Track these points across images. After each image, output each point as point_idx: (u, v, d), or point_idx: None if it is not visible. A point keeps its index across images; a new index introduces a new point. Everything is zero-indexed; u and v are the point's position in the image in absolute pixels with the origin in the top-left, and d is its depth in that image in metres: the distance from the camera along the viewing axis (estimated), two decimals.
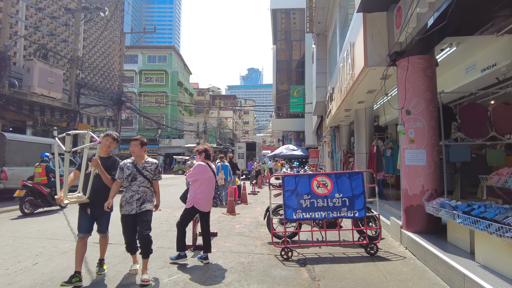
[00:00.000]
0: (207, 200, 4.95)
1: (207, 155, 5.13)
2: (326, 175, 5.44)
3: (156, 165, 4.30)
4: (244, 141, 29.15)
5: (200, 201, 4.84)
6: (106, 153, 4.28)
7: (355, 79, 6.64)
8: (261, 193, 15.05)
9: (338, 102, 9.53)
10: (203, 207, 4.91)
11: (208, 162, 5.09)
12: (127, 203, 4.12)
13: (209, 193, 4.97)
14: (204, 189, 4.89)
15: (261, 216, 8.85)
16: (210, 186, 4.97)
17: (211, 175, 5.01)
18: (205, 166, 4.95)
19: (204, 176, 4.90)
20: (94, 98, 21.26)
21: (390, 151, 8.92)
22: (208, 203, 4.99)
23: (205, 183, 4.90)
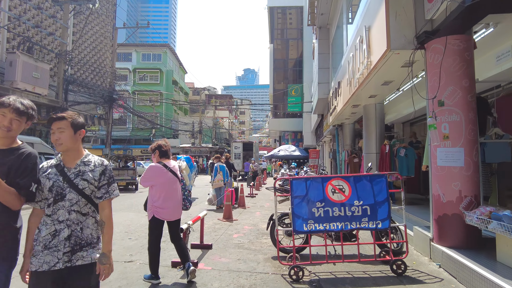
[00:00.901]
0: (170, 207, 4.06)
1: (162, 153, 4.17)
2: (343, 178, 4.56)
3: (104, 169, 2.25)
4: (240, 141, 28.27)
5: (161, 210, 3.99)
6: (4, 142, 2.12)
7: (371, 67, 5.78)
8: (260, 196, 14.15)
9: (346, 97, 8.67)
10: (166, 216, 4.04)
11: (164, 162, 4.15)
12: (46, 247, 2.04)
13: (171, 199, 4.07)
14: (163, 194, 4.01)
15: (261, 223, 7.96)
16: (170, 190, 4.07)
17: (169, 176, 4.08)
18: (159, 167, 4.06)
19: (160, 180, 4.04)
20: (84, 95, 20.26)
21: (404, 150, 8.08)
22: (173, 211, 4.10)
23: (162, 187, 4.03)
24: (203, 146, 40.55)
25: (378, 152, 8.82)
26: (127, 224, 7.72)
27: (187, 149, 39.93)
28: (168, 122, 42.70)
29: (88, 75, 22.10)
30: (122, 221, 8.06)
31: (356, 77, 7.02)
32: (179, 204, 4.18)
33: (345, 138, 13.27)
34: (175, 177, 4.13)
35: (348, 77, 8.01)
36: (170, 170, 4.09)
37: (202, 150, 38.78)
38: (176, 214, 4.15)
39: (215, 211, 9.80)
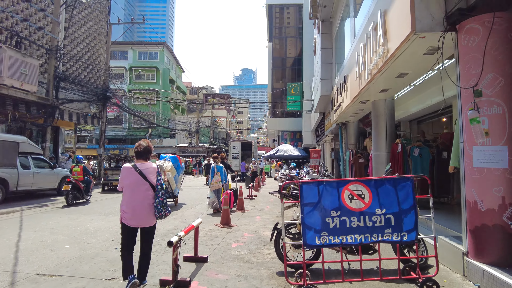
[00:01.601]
0: (134, 212, 3.66)
1: (137, 154, 3.86)
2: (362, 182, 3.87)
3: None
4: (239, 141, 27.56)
5: (126, 215, 3.68)
6: None
7: (388, 56, 5.10)
8: (259, 198, 13.46)
9: (354, 92, 7.99)
10: (130, 221, 3.67)
11: (138, 163, 3.81)
12: None
13: (134, 203, 3.68)
14: (126, 197, 3.72)
15: (262, 229, 7.27)
16: (135, 193, 3.71)
17: (135, 178, 3.71)
18: (127, 168, 3.77)
19: (125, 181, 3.74)
20: (77, 93, 19.50)
21: (418, 150, 7.42)
22: (137, 217, 3.68)
23: (127, 189, 3.73)
24: (201, 146, 39.83)
25: (388, 152, 8.16)
26: (115, 231, 6.99)
27: (184, 149, 39.20)
28: (164, 121, 41.93)
29: (81, 72, 21.30)
30: (110, 227, 7.35)
31: (368, 68, 6.34)
32: (146, 210, 3.70)
33: (349, 137, 12.60)
34: (143, 179, 3.71)
35: (357, 70, 7.33)
36: (139, 172, 3.71)
37: (200, 150, 38.05)
38: (142, 221, 3.71)
39: (212, 216, 9.11)
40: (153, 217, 3.73)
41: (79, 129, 36.23)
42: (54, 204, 11.09)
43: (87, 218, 8.33)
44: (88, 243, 5.90)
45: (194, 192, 15.16)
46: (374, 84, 6.66)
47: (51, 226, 7.34)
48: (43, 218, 8.27)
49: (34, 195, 13.00)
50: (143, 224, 3.72)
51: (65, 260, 4.92)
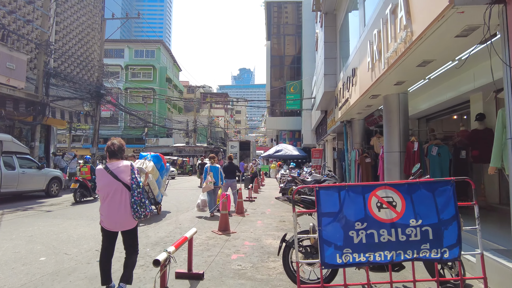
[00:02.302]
0: (111, 214, 3.50)
1: (109, 154, 3.68)
2: (393, 187, 3.16)
3: None
4: (237, 140, 26.88)
5: (102, 217, 3.58)
6: None
7: (413, 38, 4.41)
8: (259, 199, 12.75)
9: (365, 85, 7.30)
10: (107, 225, 3.54)
11: (110, 163, 3.63)
12: None
13: (108, 205, 3.51)
14: (101, 200, 3.61)
15: (265, 236, 6.56)
16: (108, 194, 3.52)
17: (108, 179, 3.53)
18: (99, 170, 3.61)
19: (99, 183, 3.59)
20: (69, 90, 18.68)
21: (436, 148, 6.74)
22: (113, 219, 3.51)
23: (101, 191, 3.59)
24: (198, 145, 39.05)
25: (402, 151, 7.47)
26: None
27: (181, 149, 38.40)
28: (161, 120, 41.14)
29: (73, 68, 20.51)
30: (96, 233, 6.61)
31: (384, 57, 5.64)
32: (121, 212, 3.49)
33: (355, 136, 11.92)
34: (115, 180, 3.52)
35: (369, 60, 6.64)
36: (110, 172, 3.53)
37: (197, 150, 37.27)
38: (118, 224, 3.53)
39: (209, 220, 8.40)
40: (131, 219, 3.52)
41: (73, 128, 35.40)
42: (40, 207, 10.33)
43: (72, 224, 7.59)
44: (67, 254, 5.17)
45: (190, 193, 14.44)
46: (390, 75, 5.97)
47: (30, 233, 6.60)
48: (24, 224, 7.53)
49: (20, 197, 12.23)
50: (120, 228, 3.53)
51: (36, 277, 4.19)
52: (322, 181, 11.79)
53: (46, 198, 12.50)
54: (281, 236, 6.67)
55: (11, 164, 11.34)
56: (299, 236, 3.99)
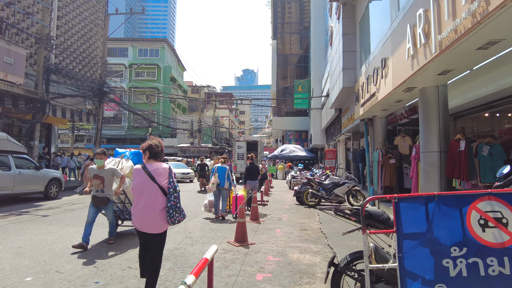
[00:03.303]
0: (142, 215, 3.43)
1: (152, 154, 3.60)
2: (499, 197, 2.27)
3: None
4: (244, 140, 25.90)
5: (134, 217, 3.50)
6: None
7: (491, 8, 3.52)
8: (271, 203, 11.85)
9: (402, 75, 6.41)
10: (138, 225, 3.48)
11: (148, 163, 3.56)
12: None
13: (142, 206, 3.44)
14: (134, 200, 3.54)
15: (290, 249, 5.68)
16: (142, 194, 3.46)
17: (144, 179, 3.47)
18: (137, 169, 3.55)
19: (135, 182, 3.53)
20: (71, 88, 17.91)
21: (487, 148, 5.83)
22: (145, 221, 3.43)
23: (135, 190, 3.53)
24: (203, 146, 38.24)
25: (442, 151, 6.57)
26: (102, 252, 5.41)
27: (186, 149, 37.59)
28: (165, 120, 40.38)
29: (75, 65, 19.76)
30: (95, 244, 5.76)
31: (436, 40, 4.75)
32: (154, 215, 3.41)
33: (376, 135, 11.02)
34: (151, 181, 3.44)
35: (410, 46, 5.74)
36: (148, 173, 3.46)
37: (202, 150, 36.45)
38: (149, 226, 3.43)
39: (218, 223, 7.57)
40: (163, 223, 3.44)
41: (76, 128, 34.71)
42: (37, 211, 9.51)
43: (69, 231, 6.75)
44: (59, 273, 4.33)
45: (197, 196, 13.59)
46: (439, 62, 5.08)
47: (20, 243, 5.76)
48: (15, 231, 6.70)
49: (17, 200, 11.44)
50: (150, 230, 3.43)
51: None
52: (341, 184, 10.92)
53: (44, 200, 11.69)
54: (308, 249, 5.83)
55: (7, 164, 10.53)
56: (352, 253, 3.10)
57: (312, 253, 5.47)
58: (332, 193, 10.85)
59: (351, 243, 6.07)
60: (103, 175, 5.71)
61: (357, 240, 6.24)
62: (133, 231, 6.51)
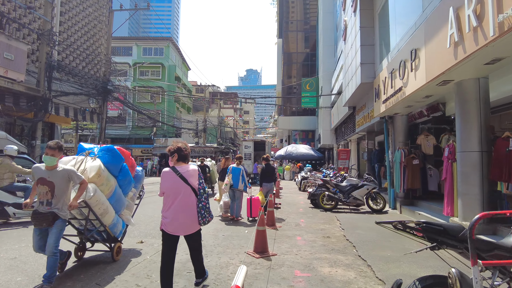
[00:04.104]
0: (176, 218, 3.40)
1: (180, 157, 3.56)
2: None
3: None
4: (251, 140, 25.32)
5: (165, 220, 3.44)
6: None
7: None
8: (284, 206, 11.19)
9: (440, 66, 5.73)
10: (171, 228, 3.40)
11: (178, 166, 3.51)
12: None
13: (175, 208, 3.41)
14: (166, 203, 3.47)
15: (318, 262, 5.02)
16: (175, 197, 3.42)
17: (175, 181, 3.43)
18: (167, 171, 3.48)
19: (165, 185, 3.48)
20: (74, 86, 17.35)
21: None
22: (178, 223, 3.40)
23: (167, 193, 3.48)
24: (208, 145, 37.62)
25: (485, 150, 5.88)
26: (105, 264, 4.79)
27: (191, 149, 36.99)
28: (170, 119, 39.82)
29: (79, 62, 19.23)
30: (99, 253, 5.14)
31: (493, 22, 4.08)
32: (187, 216, 3.45)
33: (397, 134, 10.34)
34: (184, 183, 3.44)
35: (455, 32, 5.06)
36: (180, 175, 3.44)
37: (207, 150, 35.83)
38: (183, 228, 3.47)
39: (229, 225, 6.90)
40: (195, 224, 3.52)
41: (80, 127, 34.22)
42: None
43: None
44: None
45: None
46: (495, 47, 4.40)
47: (15, 253, 5.14)
48: (11, 239, 6.09)
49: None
50: (183, 232, 3.50)
51: None
52: (359, 186, 10.24)
53: None
54: (337, 261, 5.12)
55: None
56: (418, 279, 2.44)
57: (344, 266, 4.81)
58: (350, 196, 10.17)
59: (384, 253, 5.41)
60: (53, 180, 3.84)
61: (391, 250, 5.58)
62: (108, 255, 4.92)
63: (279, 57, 48.02)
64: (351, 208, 10.44)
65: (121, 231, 4.96)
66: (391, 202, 10.38)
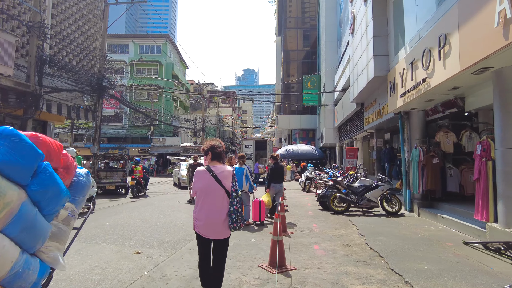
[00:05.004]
0: (208, 221, 3.19)
1: (215, 155, 3.32)
2: None
3: None
4: (252, 139, 24.54)
5: (198, 222, 3.23)
6: None
7: None
8: (291, 208, 10.40)
9: (482, 51, 4.99)
10: (202, 231, 3.21)
11: (213, 165, 3.29)
12: None
13: (207, 210, 3.20)
14: (199, 203, 3.25)
15: (345, 277, 4.27)
16: (208, 198, 3.21)
17: (209, 182, 3.21)
18: (202, 171, 3.26)
19: (199, 185, 3.25)
20: (67, 82, 16.50)
21: None
22: (211, 226, 3.19)
23: (200, 194, 3.25)
24: None
25: None
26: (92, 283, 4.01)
27: (189, 148, 36.22)
28: (167, 118, 38.99)
29: (72, 58, 18.36)
30: (86, 269, 4.36)
31: None
32: (220, 220, 3.19)
33: (413, 131, 9.63)
34: (218, 184, 3.21)
35: (506, 7, 4.33)
36: (214, 176, 3.21)
37: None
38: (214, 232, 3.21)
39: (242, 234, 6.12)
40: (226, 229, 3.25)
41: (75, 126, 33.27)
42: None
43: None
44: None
45: None
46: None
47: None
48: None
49: None
50: (215, 236, 3.24)
51: None
52: (373, 187, 9.51)
53: None
54: (368, 276, 4.30)
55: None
56: None
57: (378, 283, 4.06)
58: (364, 198, 9.43)
59: (420, 266, 4.66)
60: None
61: (426, 262, 4.84)
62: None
63: (279, 55, 47.31)
64: (364, 211, 9.71)
65: (35, 284, 2.35)
66: (407, 204, 9.66)
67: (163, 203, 11.52)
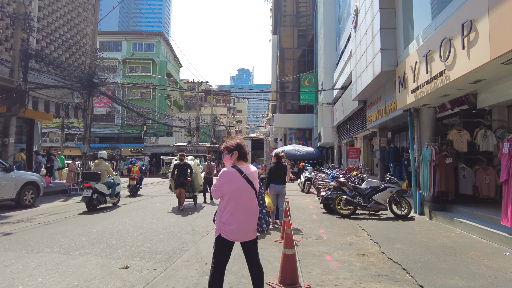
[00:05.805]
0: (240, 224, 3.02)
1: (241, 155, 3.15)
2: None
3: None
4: (249, 138, 23.88)
5: (228, 227, 3.01)
6: None
7: None
8: (293, 212, 9.67)
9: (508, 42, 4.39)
10: (234, 235, 3.02)
11: (241, 166, 3.10)
12: None
13: (241, 213, 3.04)
14: (230, 206, 3.04)
15: None
16: (241, 201, 3.04)
17: (242, 184, 3.04)
18: (232, 172, 3.03)
19: (229, 188, 3.02)
20: (56, 78, 15.67)
21: None
22: (242, 229, 3.05)
23: (231, 197, 3.03)
24: (201, 145, 36.03)
25: None
26: None
27: (183, 148, 35.36)
28: (161, 117, 38.12)
29: (61, 53, 17.55)
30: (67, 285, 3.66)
31: None
32: (252, 222, 3.12)
33: (423, 129, 9.05)
34: (250, 186, 3.06)
35: None
36: (246, 177, 3.05)
37: (200, 150, 34.24)
38: (247, 234, 3.11)
39: None
40: (256, 229, 3.24)
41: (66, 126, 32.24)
42: (1, 225, 7.35)
43: (30, 262, 4.64)
44: None
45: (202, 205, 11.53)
46: None
47: None
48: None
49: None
50: (246, 237, 3.11)
51: None
52: (381, 189, 8.90)
53: (16, 209, 9.57)
54: None
55: None
56: None
57: None
58: (371, 200, 8.82)
59: (453, 282, 4.04)
60: None
61: (459, 277, 4.22)
62: None
63: (274, 54, 46.71)
64: (371, 214, 9.11)
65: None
66: (417, 207, 9.08)
67: (156, 206, 10.80)
